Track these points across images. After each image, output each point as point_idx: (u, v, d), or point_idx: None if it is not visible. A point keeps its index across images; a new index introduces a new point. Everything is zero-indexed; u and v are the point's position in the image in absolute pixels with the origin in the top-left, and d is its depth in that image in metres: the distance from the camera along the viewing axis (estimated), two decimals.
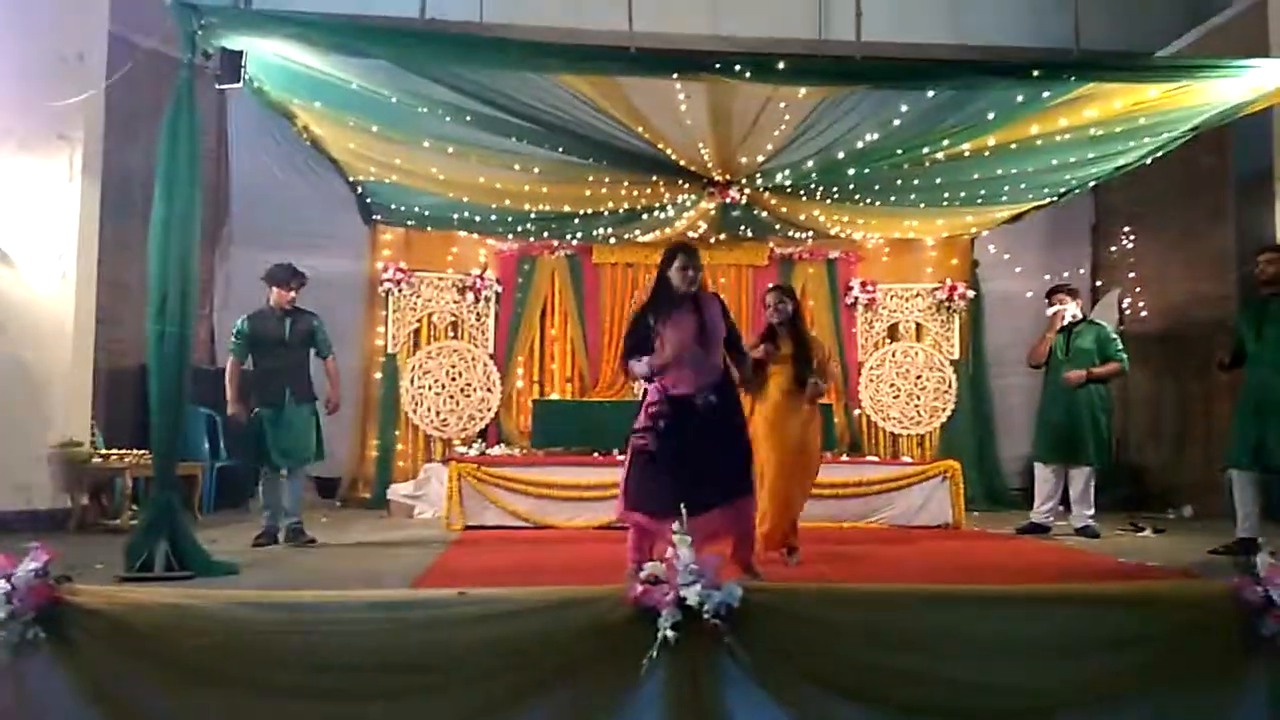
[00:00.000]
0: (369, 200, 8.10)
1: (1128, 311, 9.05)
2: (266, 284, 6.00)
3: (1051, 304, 6.93)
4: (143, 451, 6.56)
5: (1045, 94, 5.42)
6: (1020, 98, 5.50)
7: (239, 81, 4.74)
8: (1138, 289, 9.15)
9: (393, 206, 8.17)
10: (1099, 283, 9.53)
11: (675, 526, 3.14)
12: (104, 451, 6.66)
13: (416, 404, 8.73)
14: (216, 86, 4.84)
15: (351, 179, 7.55)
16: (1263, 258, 5.71)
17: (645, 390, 4.41)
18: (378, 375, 8.79)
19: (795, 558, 5.11)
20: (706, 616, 2.84)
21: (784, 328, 5.22)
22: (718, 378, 4.34)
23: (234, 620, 2.89)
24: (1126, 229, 9.33)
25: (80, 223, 6.51)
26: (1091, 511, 6.62)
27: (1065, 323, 6.80)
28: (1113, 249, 9.47)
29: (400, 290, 8.80)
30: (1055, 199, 7.85)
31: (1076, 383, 6.58)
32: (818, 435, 5.36)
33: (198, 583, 4.20)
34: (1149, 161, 6.65)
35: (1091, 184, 7.60)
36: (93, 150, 6.57)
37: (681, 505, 3.91)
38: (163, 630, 2.86)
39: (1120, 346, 6.77)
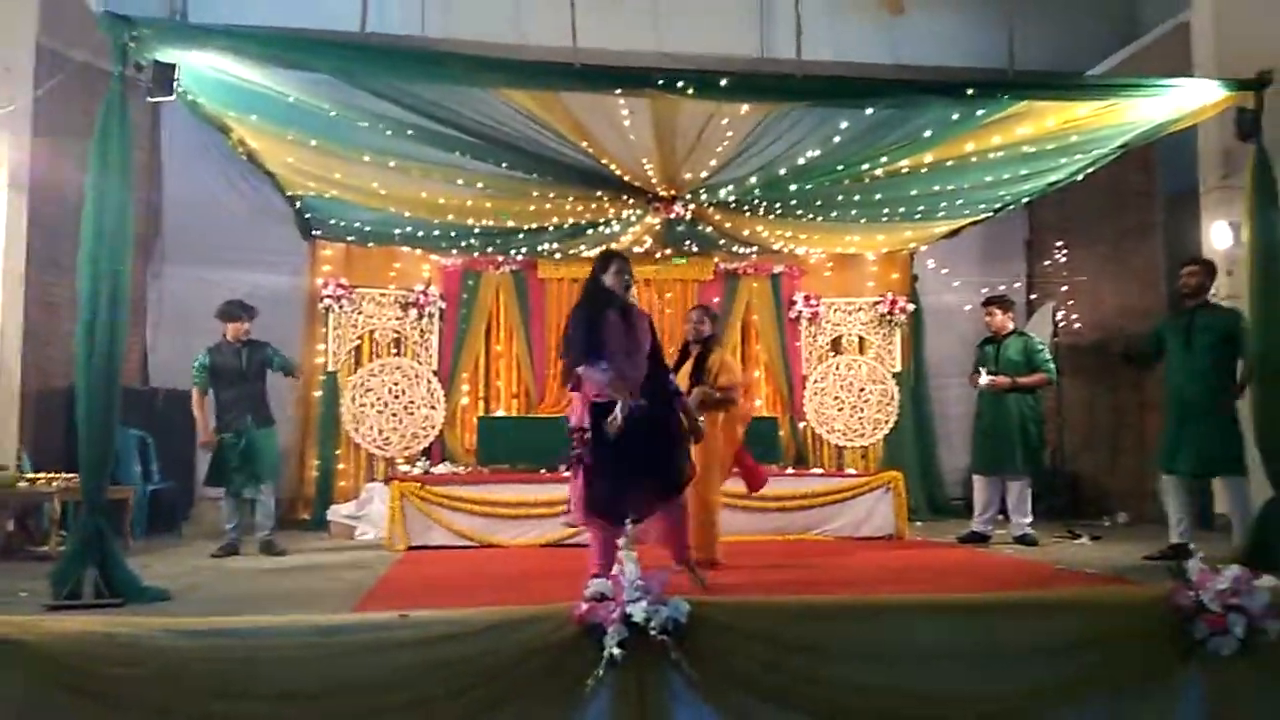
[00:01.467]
0: (308, 215, 7.97)
1: (1061, 323, 9.27)
2: (220, 321, 6.43)
3: (987, 314, 7.09)
4: (72, 475, 6.31)
5: (980, 112, 5.54)
6: (956, 116, 5.61)
7: (171, 95, 4.63)
8: (1070, 301, 9.40)
9: (333, 221, 8.05)
10: (1033, 296, 9.77)
11: (621, 540, 3.14)
12: (31, 475, 6.42)
13: (358, 422, 8.58)
14: (148, 99, 4.72)
15: (290, 194, 7.41)
16: (1185, 270, 5.90)
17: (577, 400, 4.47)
18: (318, 393, 8.63)
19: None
20: (653, 633, 2.83)
21: (695, 345, 5.61)
22: (644, 386, 4.37)
23: (166, 649, 2.80)
24: (1059, 244, 9.58)
25: (6, 239, 6.30)
26: (1029, 519, 6.76)
27: (996, 336, 6.99)
28: (1046, 263, 9.72)
29: (341, 306, 8.66)
30: (990, 214, 8.03)
31: (1001, 388, 6.74)
32: (718, 447, 5.56)
33: (128, 610, 4.06)
34: (1080, 178, 6.83)
35: (1025, 200, 7.78)
36: (20, 164, 6.37)
37: (630, 512, 4.03)
38: (89, 660, 2.76)
39: (1048, 357, 6.94)
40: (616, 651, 2.80)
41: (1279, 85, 5.15)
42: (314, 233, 8.40)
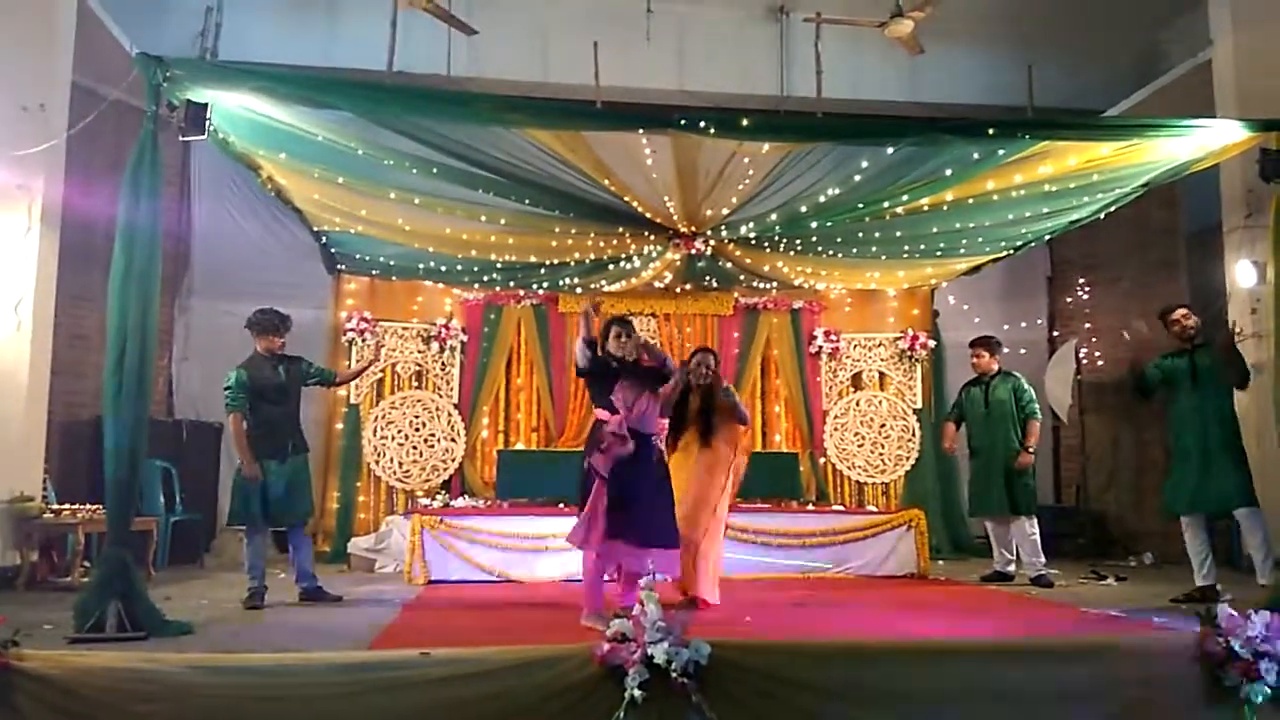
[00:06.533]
0: (333, 250, 8.07)
1: (1084, 361, 9.21)
2: (254, 333, 5.75)
3: (975, 355, 7.11)
4: (96, 506, 6.38)
5: (1001, 151, 5.56)
6: (977, 155, 5.64)
7: (204, 133, 4.73)
8: (1094, 339, 9.35)
9: (357, 256, 8.15)
10: (1056, 333, 9.72)
11: (643, 581, 3.13)
12: (56, 506, 6.47)
13: (379, 455, 8.62)
14: (181, 139, 4.81)
15: (316, 229, 7.52)
16: (1179, 314, 5.90)
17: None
18: (339, 426, 8.68)
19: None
20: (674, 675, 2.81)
21: (701, 388, 5.61)
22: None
23: (187, 685, 2.81)
24: (1081, 280, 9.56)
25: (38, 273, 6.39)
26: (1043, 560, 6.67)
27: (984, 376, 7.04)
28: (1069, 300, 9.68)
29: (364, 340, 8.74)
30: (1012, 251, 8.02)
31: (1027, 465, 6.75)
32: (719, 483, 5.55)
33: (151, 644, 4.08)
34: (1103, 216, 6.82)
35: (1047, 237, 7.77)
36: (52, 200, 6.47)
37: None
38: (114, 696, 2.78)
39: (1033, 397, 6.93)
40: (637, 693, 2.78)
41: None
42: (339, 267, 8.50)
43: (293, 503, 5.69)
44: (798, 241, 7.49)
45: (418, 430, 8.73)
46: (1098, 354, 9.27)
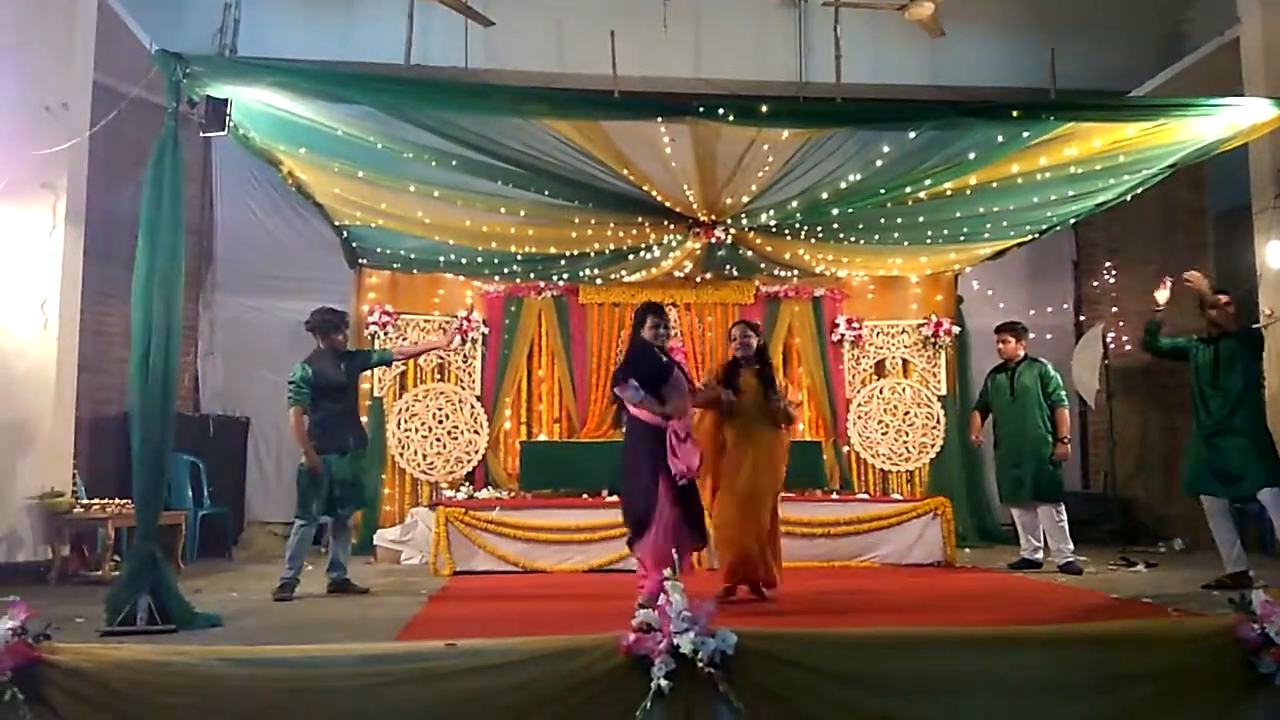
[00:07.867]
0: (354, 244, 8.10)
1: (1112, 345, 9.10)
2: (318, 334, 5.88)
3: (1000, 341, 7.05)
4: (125, 501, 6.46)
5: (1025, 134, 5.49)
6: (1000, 138, 5.57)
7: (224, 129, 4.74)
8: (1121, 323, 9.23)
9: (378, 250, 8.17)
10: (1082, 317, 9.62)
11: (668, 572, 3.12)
12: (85, 501, 6.55)
13: (403, 447, 8.66)
14: (201, 135, 4.83)
15: (337, 223, 7.55)
16: (1224, 299, 5.78)
17: (661, 429, 4.75)
18: (364, 419, 8.69)
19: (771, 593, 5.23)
20: (700, 664, 2.80)
21: (749, 363, 5.34)
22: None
23: (217, 677, 2.82)
24: (1108, 264, 9.45)
25: (63, 271, 6.46)
26: (1071, 547, 6.59)
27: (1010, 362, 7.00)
28: (1095, 284, 9.57)
29: (386, 333, 8.76)
30: (1037, 235, 7.92)
31: (1067, 456, 6.73)
32: (783, 471, 5.43)
33: (180, 636, 4.12)
34: (1129, 198, 6.72)
35: (1072, 220, 7.67)
36: (76, 198, 6.53)
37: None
38: (144, 688, 2.80)
39: (1060, 384, 6.86)
40: (664, 683, 2.77)
41: None
42: (360, 261, 8.53)
43: (353, 494, 5.90)
44: (819, 228, 7.43)
45: (441, 423, 8.76)
46: (1125, 338, 9.15)
